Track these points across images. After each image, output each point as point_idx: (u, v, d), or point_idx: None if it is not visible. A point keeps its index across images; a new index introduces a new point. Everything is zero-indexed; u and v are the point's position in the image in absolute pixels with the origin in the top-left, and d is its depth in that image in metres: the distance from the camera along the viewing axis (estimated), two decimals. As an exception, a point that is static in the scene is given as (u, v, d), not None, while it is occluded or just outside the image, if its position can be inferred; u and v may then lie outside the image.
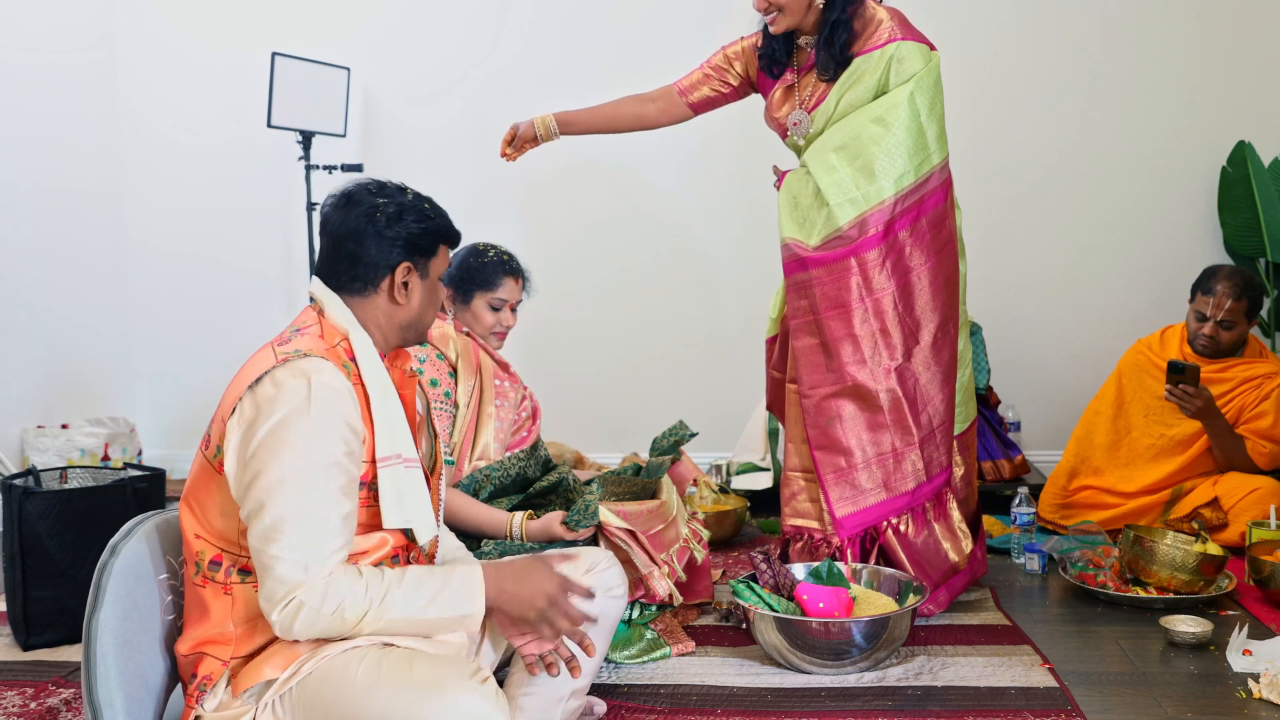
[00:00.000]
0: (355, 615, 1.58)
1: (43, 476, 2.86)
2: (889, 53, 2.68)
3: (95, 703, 1.60)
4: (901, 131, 2.65)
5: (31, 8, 4.10)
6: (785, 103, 2.81)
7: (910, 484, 2.74)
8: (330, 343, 1.72)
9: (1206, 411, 3.27)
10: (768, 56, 2.82)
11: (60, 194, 4.23)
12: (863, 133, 2.66)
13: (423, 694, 1.53)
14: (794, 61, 2.81)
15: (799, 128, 2.76)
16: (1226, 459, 3.37)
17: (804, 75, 2.79)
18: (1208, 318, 3.40)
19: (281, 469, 1.57)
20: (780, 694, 2.31)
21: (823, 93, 2.74)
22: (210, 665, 1.65)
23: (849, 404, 2.72)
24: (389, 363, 1.82)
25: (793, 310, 2.76)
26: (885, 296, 2.69)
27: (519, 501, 2.58)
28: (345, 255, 1.76)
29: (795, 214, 2.74)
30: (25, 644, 2.69)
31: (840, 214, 2.65)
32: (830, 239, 2.68)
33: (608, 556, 2.09)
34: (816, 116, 2.74)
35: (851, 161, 2.66)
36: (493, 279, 2.65)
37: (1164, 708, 2.20)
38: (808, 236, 2.71)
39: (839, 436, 2.72)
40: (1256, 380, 3.40)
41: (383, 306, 1.78)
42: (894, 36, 2.69)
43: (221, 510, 1.66)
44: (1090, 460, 3.62)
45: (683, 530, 2.66)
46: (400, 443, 1.72)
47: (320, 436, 1.59)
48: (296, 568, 1.55)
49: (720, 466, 4.03)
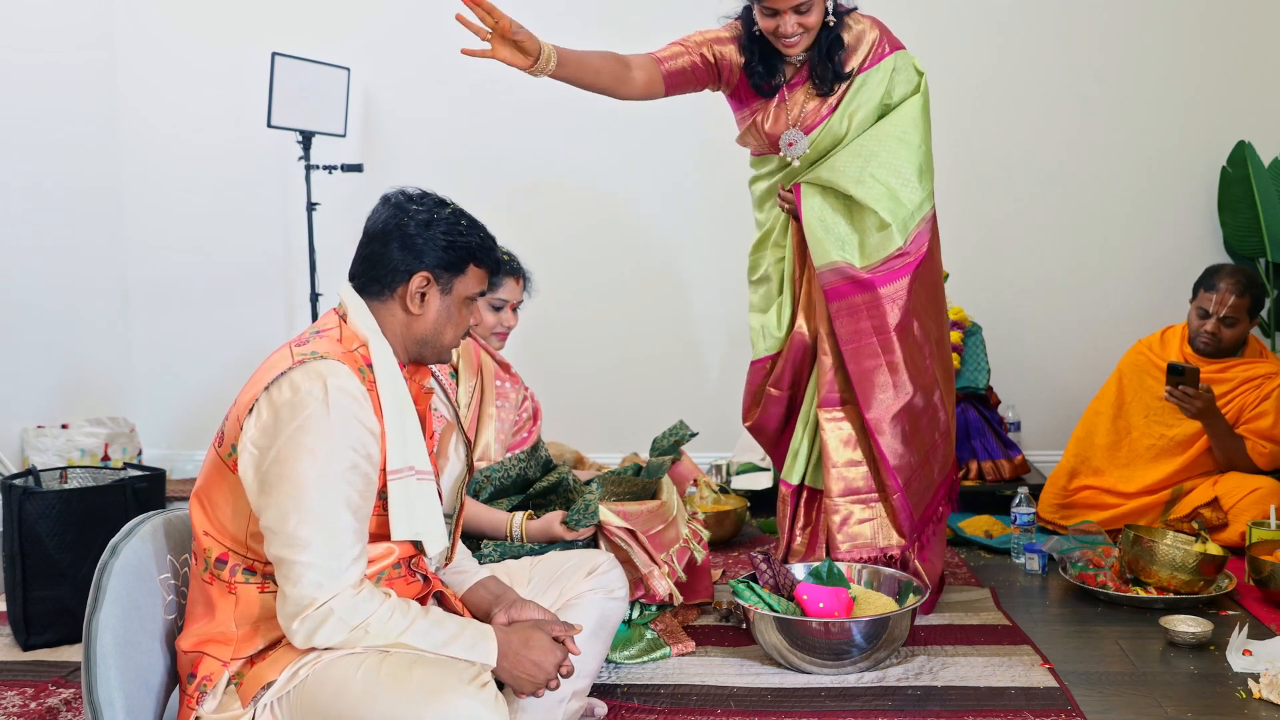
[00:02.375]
0: (378, 636, 1.59)
1: (43, 476, 2.86)
2: (889, 65, 2.66)
3: (95, 703, 1.60)
4: (924, 144, 2.67)
5: (31, 7, 4.10)
6: (774, 122, 2.72)
7: (939, 478, 2.83)
8: (348, 347, 1.71)
9: (1207, 412, 3.27)
10: (758, 74, 2.70)
11: (60, 194, 4.23)
12: (896, 150, 2.64)
13: (422, 698, 1.53)
14: (783, 76, 2.72)
15: (794, 149, 2.70)
16: (1227, 459, 3.37)
17: (793, 91, 2.71)
18: (1210, 314, 3.40)
19: (302, 478, 1.57)
20: (780, 694, 2.31)
21: (816, 110, 2.68)
22: (210, 665, 1.65)
23: (910, 414, 2.72)
24: (407, 375, 1.80)
25: (850, 333, 2.69)
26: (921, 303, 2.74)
27: (519, 502, 2.58)
28: (369, 255, 1.76)
29: (831, 237, 2.68)
30: (25, 644, 2.69)
31: (900, 233, 2.64)
32: (890, 257, 2.66)
33: (609, 559, 2.09)
34: (818, 138, 2.68)
35: (897, 178, 2.63)
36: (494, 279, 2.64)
37: (1164, 708, 2.20)
38: (856, 258, 2.68)
39: (908, 447, 2.71)
40: (1257, 380, 3.40)
41: (399, 315, 1.77)
42: (888, 49, 2.67)
43: (234, 510, 1.66)
44: (1090, 460, 3.62)
45: (683, 530, 2.66)
46: (413, 455, 1.71)
47: (339, 441, 1.59)
48: (325, 576, 1.56)
49: (720, 466, 4.03)
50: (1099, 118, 4.25)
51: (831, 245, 2.68)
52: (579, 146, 4.45)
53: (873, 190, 2.62)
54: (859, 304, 2.68)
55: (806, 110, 2.70)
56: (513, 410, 2.66)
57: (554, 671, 1.73)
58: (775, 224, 2.87)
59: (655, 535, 2.52)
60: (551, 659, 1.72)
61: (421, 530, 1.72)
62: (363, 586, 1.60)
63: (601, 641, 2.04)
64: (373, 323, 1.75)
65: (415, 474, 1.71)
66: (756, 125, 2.75)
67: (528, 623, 1.80)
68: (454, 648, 1.64)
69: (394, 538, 1.69)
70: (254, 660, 1.64)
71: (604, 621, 2.03)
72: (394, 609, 1.62)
